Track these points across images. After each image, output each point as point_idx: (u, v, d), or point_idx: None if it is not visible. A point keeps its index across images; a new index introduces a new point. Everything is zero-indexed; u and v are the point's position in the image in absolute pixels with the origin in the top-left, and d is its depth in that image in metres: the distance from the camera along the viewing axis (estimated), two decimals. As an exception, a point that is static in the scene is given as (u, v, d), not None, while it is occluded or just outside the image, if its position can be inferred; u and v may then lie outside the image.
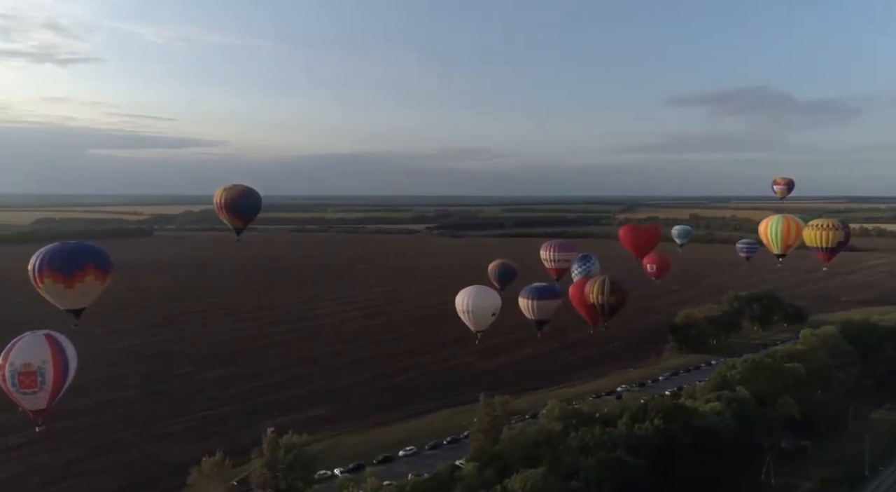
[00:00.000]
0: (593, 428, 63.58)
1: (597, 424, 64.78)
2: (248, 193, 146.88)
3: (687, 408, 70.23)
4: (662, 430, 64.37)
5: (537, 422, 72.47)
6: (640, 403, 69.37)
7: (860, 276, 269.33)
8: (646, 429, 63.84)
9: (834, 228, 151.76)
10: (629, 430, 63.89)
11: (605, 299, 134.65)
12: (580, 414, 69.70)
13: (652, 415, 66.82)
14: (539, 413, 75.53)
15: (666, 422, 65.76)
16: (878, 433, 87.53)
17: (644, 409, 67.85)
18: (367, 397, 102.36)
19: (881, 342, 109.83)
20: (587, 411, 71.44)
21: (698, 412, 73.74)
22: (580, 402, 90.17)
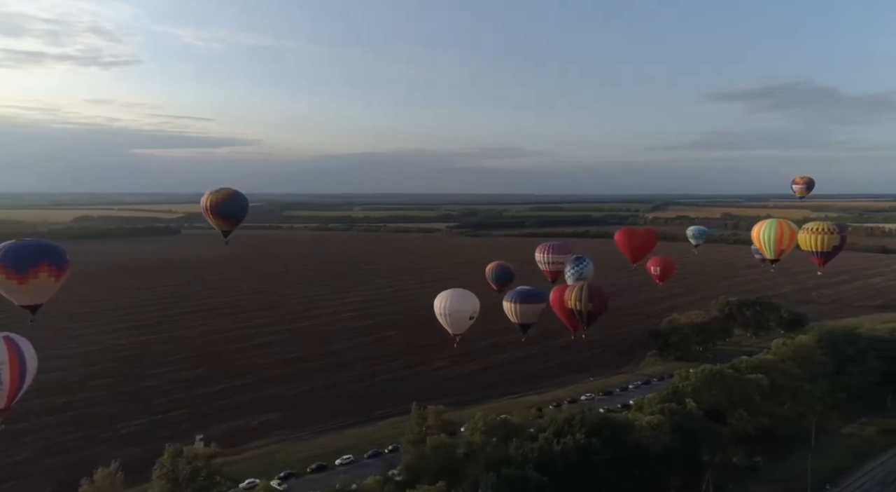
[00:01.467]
0: (510, 442, 62.56)
1: (514, 438, 63.61)
2: (233, 197, 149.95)
3: (615, 422, 68.49)
4: (582, 445, 62.93)
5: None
6: (566, 416, 67.87)
7: (884, 279, 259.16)
8: (564, 444, 62.52)
9: (829, 232, 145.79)
10: (549, 444, 62.65)
11: (582, 306, 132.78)
12: (507, 427, 68.70)
13: (576, 429, 65.46)
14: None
15: (588, 436, 64.31)
16: (843, 450, 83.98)
17: (569, 422, 66.44)
18: (326, 401, 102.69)
19: (863, 353, 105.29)
20: (516, 424, 70.24)
21: (634, 426, 72.08)
22: (521, 412, 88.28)
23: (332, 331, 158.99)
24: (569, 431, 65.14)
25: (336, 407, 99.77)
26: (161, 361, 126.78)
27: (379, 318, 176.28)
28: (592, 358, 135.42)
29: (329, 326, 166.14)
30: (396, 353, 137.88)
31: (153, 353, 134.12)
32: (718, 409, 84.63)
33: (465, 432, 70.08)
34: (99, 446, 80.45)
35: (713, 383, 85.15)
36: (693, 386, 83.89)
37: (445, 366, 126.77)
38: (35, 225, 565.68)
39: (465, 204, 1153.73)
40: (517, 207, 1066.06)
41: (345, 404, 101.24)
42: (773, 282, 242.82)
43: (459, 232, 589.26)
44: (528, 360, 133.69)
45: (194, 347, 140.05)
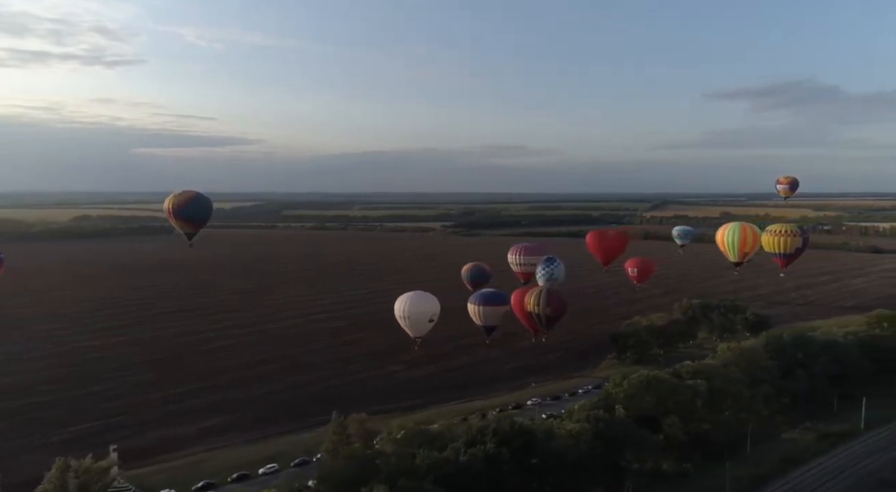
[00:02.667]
0: (417, 453, 62.59)
1: (422, 448, 63.60)
2: (196, 199, 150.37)
3: (530, 430, 68.46)
4: (491, 455, 62.94)
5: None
6: (481, 425, 67.91)
7: (864, 280, 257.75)
8: (472, 454, 62.53)
9: (792, 235, 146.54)
10: (456, 455, 62.66)
11: (541, 310, 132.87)
12: (424, 436, 68.69)
13: (487, 438, 65.51)
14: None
15: (499, 446, 64.33)
16: (776, 456, 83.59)
17: (482, 432, 66.49)
18: (275, 406, 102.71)
19: (813, 357, 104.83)
20: (434, 433, 70.24)
21: (554, 434, 72.07)
22: (446, 420, 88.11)
23: (301, 333, 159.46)
24: (481, 440, 65.19)
25: (283, 412, 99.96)
26: (124, 363, 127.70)
27: (352, 320, 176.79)
28: (552, 361, 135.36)
29: (300, 327, 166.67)
30: (359, 356, 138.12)
31: (119, 355, 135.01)
32: (652, 415, 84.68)
33: (377, 442, 70.16)
34: (31, 453, 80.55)
35: (646, 389, 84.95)
36: (625, 392, 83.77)
37: (402, 369, 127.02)
38: (33, 224, 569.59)
39: (468, 203, 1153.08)
40: (516, 207, 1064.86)
41: (293, 409, 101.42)
42: (754, 283, 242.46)
43: (454, 232, 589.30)
44: (487, 363, 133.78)
45: (160, 349, 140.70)
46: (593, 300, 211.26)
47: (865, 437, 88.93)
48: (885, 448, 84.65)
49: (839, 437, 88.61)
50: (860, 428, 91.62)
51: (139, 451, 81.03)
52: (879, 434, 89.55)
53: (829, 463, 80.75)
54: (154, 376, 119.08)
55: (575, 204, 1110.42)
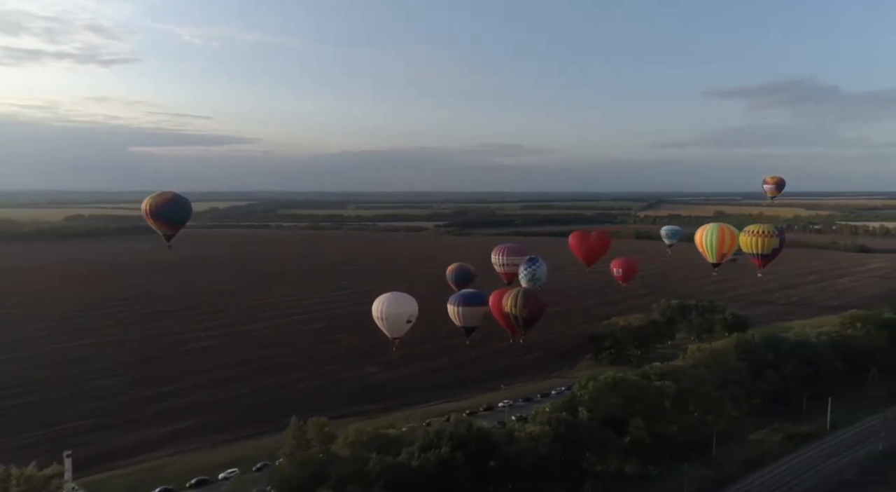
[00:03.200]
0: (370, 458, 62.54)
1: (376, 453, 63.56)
2: (174, 201, 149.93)
3: (487, 434, 68.53)
4: (445, 459, 62.97)
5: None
6: (438, 429, 67.89)
7: (849, 280, 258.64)
8: (425, 459, 62.54)
9: (769, 235, 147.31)
10: (409, 459, 62.67)
11: (517, 312, 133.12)
12: (381, 440, 68.65)
13: (443, 443, 65.57)
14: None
15: (454, 450, 64.37)
16: (740, 457, 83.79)
17: (438, 436, 66.54)
18: (245, 408, 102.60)
19: (784, 358, 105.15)
20: (393, 437, 70.26)
21: (514, 437, 72.20)
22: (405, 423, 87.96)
23: (282, 334, 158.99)
24: (437, 444, 65.23)
25: (256, 414, 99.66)
26: (94, 366, 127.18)
27: (332, 321, 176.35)
28: (530, 362, 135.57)
29: (282, 328, 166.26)
30: (338, 357, 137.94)
31: (92, 357, 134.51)
32: (618, 417, 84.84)
33: (334, 447, 70.07)
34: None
35: (612, 391, 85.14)
36: (590, 394, 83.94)
37: (379, 371, 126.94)
38: (24, 224, 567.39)
39: (465, 202, 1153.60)
40: (510, 205, 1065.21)
41: (266, 411, 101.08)
42: (739, 282, 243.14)
43: (447, 231, 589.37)
44: (465, 364, 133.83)
45: (134, 351, 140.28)
46: (577, 300, 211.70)
47: (831, 437, 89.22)
48: (849, 448, 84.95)
49: (805, 437, 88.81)
50: (826, 428, 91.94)
51: (104, 455, 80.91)
52: (845, 434, 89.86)
53: (792, 464, 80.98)
54: (131, 378, 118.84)
55: (569, 203, 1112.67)
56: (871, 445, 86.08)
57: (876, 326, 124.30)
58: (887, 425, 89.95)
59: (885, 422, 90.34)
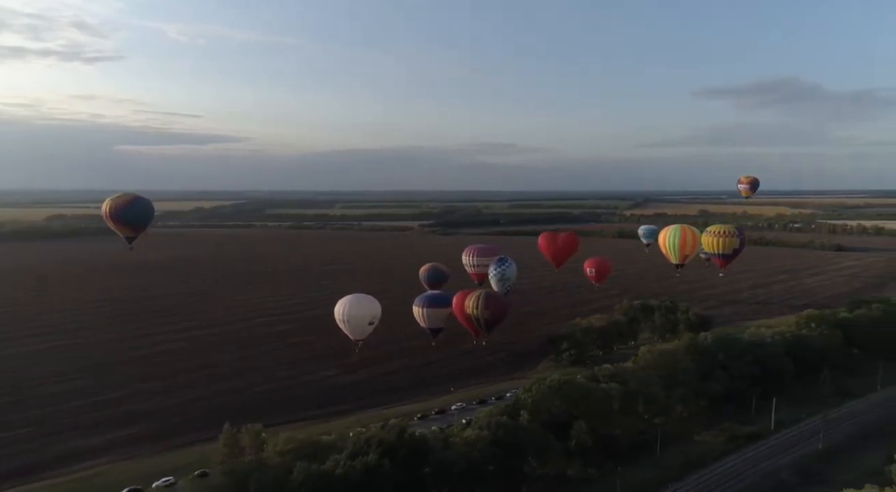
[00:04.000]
0: (294, 466, 62.38)
1: (300, 461, 63.36)
2: (134, 202, 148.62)
3: (421, 439, 68.61)
4: (372, 467, 62.95)
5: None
6: (368, 435, 67.82)
7: (819, 279, 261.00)
8: (351, 467, 62.43)
9: (729, 235, 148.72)
10: (335, 467, 62.50)
11: (479, 314, 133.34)
12: (313, 448, 68.32)
13: (372, 449, 65.59)
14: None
15: (382, 457, 64.38)
16: (683, 458, 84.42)
17: (368, 442, 66.54)
18: (194, 414, 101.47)
19: (735, 358, 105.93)
20: (325, 444, 70.01)
21: (449, 443, 72.33)
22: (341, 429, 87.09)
23: (244, 338, 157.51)
24: (365, 451, 65.23)
25: (203, 420, 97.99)
26: (55, 369, 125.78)
27: (301, 323, 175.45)
28: (492, 363, 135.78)
29: (246, 331, 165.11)
30: (299, 360, 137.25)
31: (48, 361, 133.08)
32: (563, 420, 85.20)
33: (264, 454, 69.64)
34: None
35: (556, 394, 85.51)
36: (533, 398, 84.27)
37: (336, 374, 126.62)
38: (3, 224, 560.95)
39: (455, 201, 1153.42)
40: (499, 204, 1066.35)
41: (214, 417, 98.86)
42: (709, 282, 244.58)
43: (431, 231, 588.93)
44: (425, 366, 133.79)
45: (96, 355, 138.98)
46: (549, 300, 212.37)
47: (773, 437, 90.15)
48: (788, 449, 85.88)
49: (748, 438, 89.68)
50: (771, 428, 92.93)
51: (36, 465, 79.93)
52: (787, 434, 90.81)
53: (730, 465, 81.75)
54: (85, 383, 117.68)
55: (556, 202, 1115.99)
56: (812, 444, 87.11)
57: (830, 325, 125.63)
58: (827, 425, 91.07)
59: (824, 422, 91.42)
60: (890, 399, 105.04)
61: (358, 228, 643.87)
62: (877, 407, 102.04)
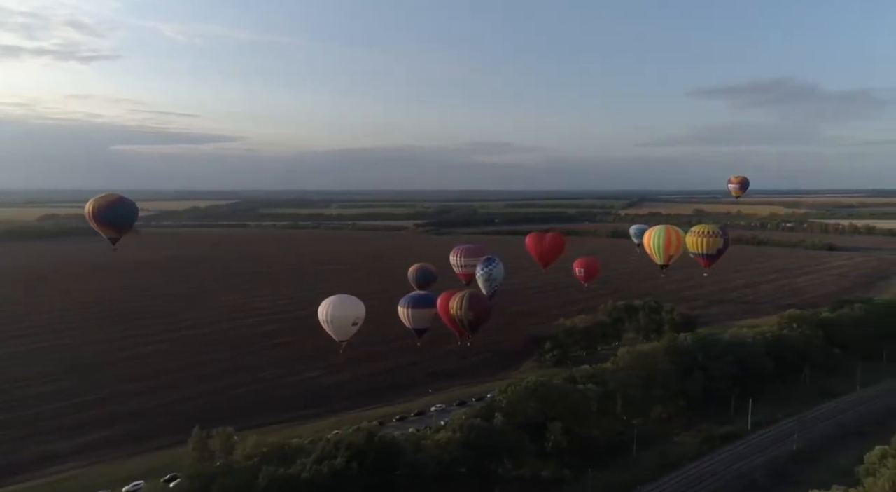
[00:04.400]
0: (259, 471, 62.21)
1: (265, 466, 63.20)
2: (118, 203, 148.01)
3: (392, 442, 68.57)
4: (339, 470, 62.85)
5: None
6: (337, 438, 67.75)
7: (809, 279, 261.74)
8: (317, 471, 62.32)
9: (713, 235, 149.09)
10: (301, 470, 62.32)
11: (463, 314, 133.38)
12: (282, 451, 68.09)
13: (340, 452, 65.54)
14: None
15: (349, 461, 64.29)
16: (659, 460, 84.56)
17: (336, 445, 66.48)
18: (171, 417, 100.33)
19: (715, 359, 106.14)
20: (294, 447, 69.87)
21: (420, 445, 72.34)
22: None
23: (228, 338, 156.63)
24: (334, 454, 65.18)
25: (181, 422, 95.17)
26: (35, 372, 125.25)
27: (288, 323, 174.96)
28: (476, 364, 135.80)
29: (229, 332, 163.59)
30: (282, 361, 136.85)
31: (33, 363, 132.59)
32: (539, 421, 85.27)
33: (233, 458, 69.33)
34: None
35: (531, 395, 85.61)
36: (508, 399, 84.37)
37: (319, 375, 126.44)
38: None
39: (451, 200, 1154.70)
40: (495, 204, 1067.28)
41: (192, 419, 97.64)
42: (698, 281, 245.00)
43: (426, 230, 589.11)
44: (409, 367, 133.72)
45: (72, 357, 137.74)
46: (537, 300, 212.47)
47: (749, 438, 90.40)
48: (763, 449, 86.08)
49: (724, 439, 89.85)
50: (748, 429, 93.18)
51: (7, 468, 79.46)
52: (764, 435, 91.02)
53: (704, 466, 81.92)
54: (67, 385, 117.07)
55: (552, 201, 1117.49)
56: (787, 445, 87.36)
57: (812, 325, 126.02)
58: (802, 426, 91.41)
59: (799, 423, 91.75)
60: (868, 399, 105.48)
61: (353, 228, 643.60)
62: (856, 406, 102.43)
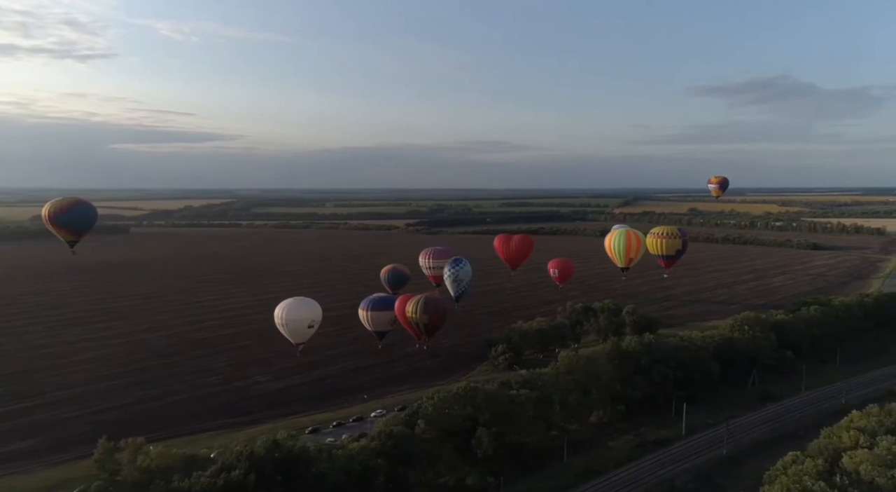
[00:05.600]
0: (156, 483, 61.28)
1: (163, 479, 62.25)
2: (75, 206, 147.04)
3: (292, 452, 67.45)
4: (234, 482, 61.78)
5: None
6: (241, 449, 66.65)
7: (787, 278, 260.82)
8: (209, 483, 61.31)
9: (672, 237, 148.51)
10: (192, 485, 61.28)
11: (419, 318, 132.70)
12: (185, 462, 66.90)
13: (241, 463, 64.49)
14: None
15: (247, 472, 63.26)
16: (590, 465, 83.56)
17: (238, 456, 65.46)
18: (100, 425, 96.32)
19: (658, 362, 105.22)
20: (202, 457, 68.82)
21: (330, 454, 71.32)
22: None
23: (180, 342, 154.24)
24: (234, 466, 64.20)
25: (111, 430, 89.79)
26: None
27: (249, 326, 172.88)
28: (429, 368, 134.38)
29: (182, 336, 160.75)
30: (232, 365, 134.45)
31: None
32: (466, 427, 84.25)
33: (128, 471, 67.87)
34: None
35: (458, 401, 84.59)
36: (434, 405, 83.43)
37: (267, 380, 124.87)
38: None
39: (446, 199, 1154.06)
40: (489, 203, 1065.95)
41: (122, 428, 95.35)
42: (677, 282, 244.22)
43: (416, 230, 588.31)
44: (359, 370, 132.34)
45: (22, 361, 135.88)
46: (510, 301, 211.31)
47: (681, 443, 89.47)
48: (690, 455, 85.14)
49: (656, 444, 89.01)
50: (681, 434, 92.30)
51: None
52: (695, 441, 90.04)
53: (630, 472, 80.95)
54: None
55: (546, 200, 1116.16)
56: (718, 450, 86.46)
57: (765, 328, 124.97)
58: (736, 431, 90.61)
59: (734, 428, 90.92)
60: (809, 402, 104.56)
61: (345, 227, 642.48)
62: (795, 410, 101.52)
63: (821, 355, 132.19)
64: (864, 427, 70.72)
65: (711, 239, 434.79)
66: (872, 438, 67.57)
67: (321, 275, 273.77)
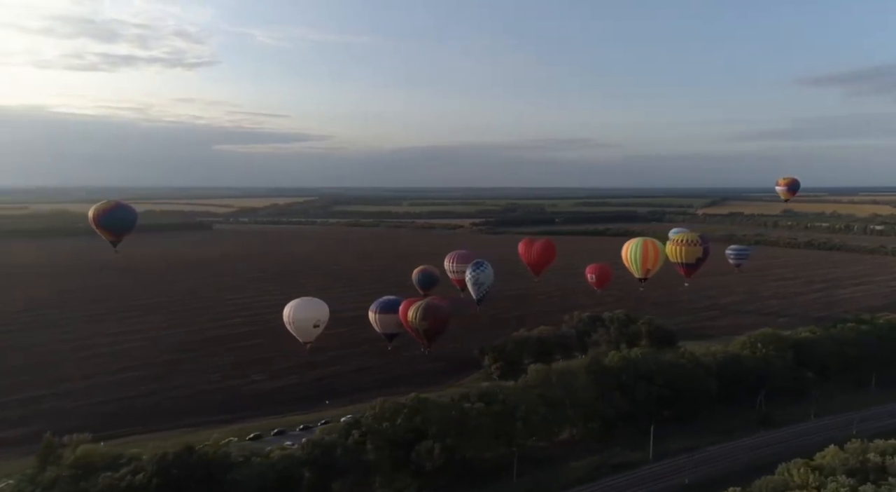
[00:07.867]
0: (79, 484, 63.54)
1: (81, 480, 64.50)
2: (115, 209, 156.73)
3: (203, 458, 68.00)
4: (136, 486, 62.99)
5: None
6: (163, 452, 68.11)
7: (862, 289, 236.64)
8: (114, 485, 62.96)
9: (692, 244, 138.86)
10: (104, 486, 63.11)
11: (418, 324, 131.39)
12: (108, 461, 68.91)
13: (150, 467, 65.92)
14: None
15: (154, 476, 64.43)
16: (539, 486, 79.42)
17: (163, 459, 66.89)
18: (88, 419, 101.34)
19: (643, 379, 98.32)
20: (126, 458, 70.34)
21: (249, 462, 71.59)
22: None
23: (196, 340, 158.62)
24: (145, 468, 65.65)
25: (97, 424, 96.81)
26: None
27: (267, 324, 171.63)
28: (423, 373, 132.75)
29: (199, 334, 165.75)
30: (236, 363, 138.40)
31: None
32: (409, 440, 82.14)
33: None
34: None
35: (404, 413, 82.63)
36: (375, 416, 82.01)
37: (262, 379, 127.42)
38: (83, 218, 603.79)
39: (524, 199, 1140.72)
40: (565, 202, 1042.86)
41: (108, 421, 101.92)
42: (727, 290, 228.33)
43: (479, 230, 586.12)
44: (359, 372, 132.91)
45: (39, 353, 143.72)
46: (540, 305, 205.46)
47: (646, 468, 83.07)
48: (648, 482, 78.84)
49: (617, 467, 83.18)
50: (649, 458, 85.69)
51: None
52: (661, 466, 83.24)
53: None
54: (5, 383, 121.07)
55: (626, 199, 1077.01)
56: (680, 478, 79.52)
57: (783, 346, 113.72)
58: (709, 459, 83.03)
59: (707, 456, 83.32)
60: (808, 432, 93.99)
61: (411, 226, 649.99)
62: (786, 441, 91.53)
63: (858, 377, 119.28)
64: (823, 466, 62.60)
65: (793, 244, 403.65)
66: (825, 478, 59.65)
67: (359, 275, 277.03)
